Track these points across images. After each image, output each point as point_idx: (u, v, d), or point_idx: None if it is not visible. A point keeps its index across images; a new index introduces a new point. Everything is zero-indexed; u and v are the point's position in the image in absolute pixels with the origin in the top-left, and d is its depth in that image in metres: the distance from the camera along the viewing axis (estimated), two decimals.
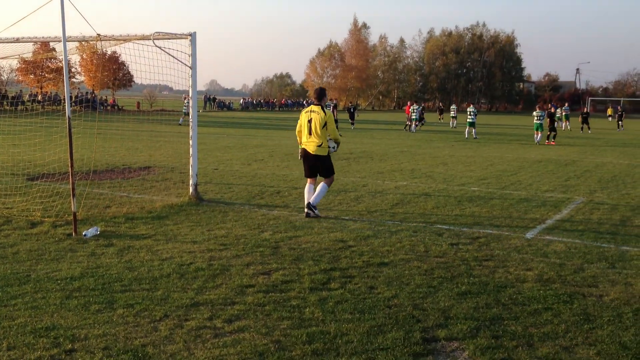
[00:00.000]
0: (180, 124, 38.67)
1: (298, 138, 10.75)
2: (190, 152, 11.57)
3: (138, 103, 71.34)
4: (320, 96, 10.59)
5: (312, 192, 10.45)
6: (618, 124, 49.36)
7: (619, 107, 54.96)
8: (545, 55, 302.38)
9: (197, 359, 4.69)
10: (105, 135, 25.55)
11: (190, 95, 11.73)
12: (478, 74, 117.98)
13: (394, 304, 6.00)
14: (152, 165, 17.12)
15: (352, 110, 43.20)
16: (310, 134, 10.34)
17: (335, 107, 35.65)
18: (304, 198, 11.99)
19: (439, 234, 9.11)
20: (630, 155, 24.11)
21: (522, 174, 17.03)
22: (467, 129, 33.86)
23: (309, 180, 10.71)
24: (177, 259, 7.45)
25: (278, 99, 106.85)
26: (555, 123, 31.31)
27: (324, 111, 10.31)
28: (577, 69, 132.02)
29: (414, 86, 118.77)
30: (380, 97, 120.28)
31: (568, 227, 9.81)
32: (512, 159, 21.65)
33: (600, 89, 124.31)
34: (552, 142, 29.68)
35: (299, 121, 10.61)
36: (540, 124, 30.14)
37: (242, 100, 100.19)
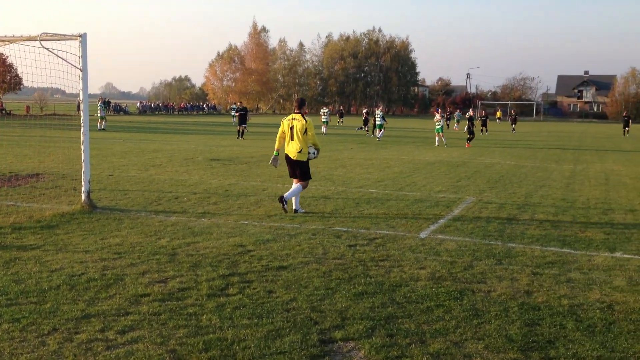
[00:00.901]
0: (104, 129, 39.32)
1: (277, 143, 11.63)
2: (82, 158, 11.15)
3: (28, 107, 67.97)
4: (301, 105, 11.45)
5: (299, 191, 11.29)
6: (512, 127, 52.09)
7: (512, 111, 57.91)
8: (438, 60, 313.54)
9: None
10: None
11: (81, 99, 11.29)
12: (375, 78, 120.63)
13: (292, 307, 6.03)
14: (42, 172, 16.36)
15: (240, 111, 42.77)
16: (292, 139, 11.19)
17: (244, 110, 35.57)
18: (202, 202, 11.88)
19: (337, 236, 9.24)
20: (516, 156, 25.40)
21: (417, 175, 17.57)
22: (377, 131, 34.96)
23: (294, 180, 11.44)
24: (67, 269, 7.16)
25: (177, 103, 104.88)
26: (474, 127, 32.31)
27: (305, 119, 11.18)
28: (468, 74, 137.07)
29: (314, 90, 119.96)
30: (281, 101, 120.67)
31: (459, 226, 10.21)
32: (407, 161, 22.29)
33: (490, 93, 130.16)
34: (467, 144, 30.69)
35: (280, 128, 11.45)
36: (442, 127, 31.26)
37: (139, 103, 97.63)
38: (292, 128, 11.18)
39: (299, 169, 11.25)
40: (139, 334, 5.26)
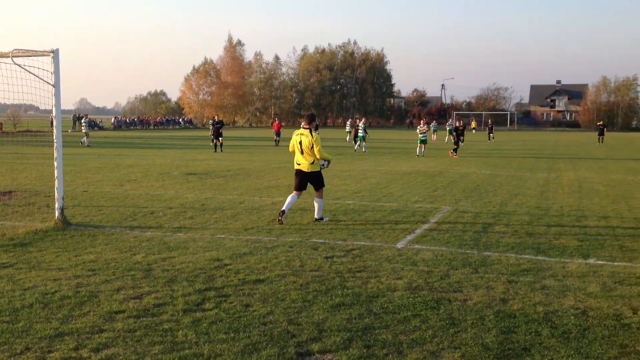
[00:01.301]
0: (87, 146, 39.20)
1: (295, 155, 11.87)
2: (56, 174, 11.03)
3: (0, 124, 67.22)
4: (310, 120, 11.74)
5: (294, 201, 11.60)
6: (489, 136, 52.96)
7: (489, 121, 58.67)
8: (413, 72, 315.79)
9: None
10: None
11: (54, 115, 11.19)
12: (351, 90, 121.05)
13: (269, 321, 6.00)
14: (15, 189, 16.15)
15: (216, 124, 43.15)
16: (302, 153, 11.52)
17: (220, 123, 36.11)
18: (179, 217, 11.81)
19: (314, 248, 9.23)
20: (492, 166, 25.64)
21: (394, 186, 17.64)
22: (358, 143, 35.43)
23: (295, 192, 11.69)
24: (40, 287, 7.06)
25: (153, 117, 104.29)
26: (461, 138, 32.32)
27: (312, 134, 11.46)
28: (442, 85, 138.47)
29: (290, 102, 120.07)
30: (258, 114, 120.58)
31: (435, 235, 10.27)
32: (384, 171, 22.37)
33: (464, 103, 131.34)
34: (455, 155, 30.83)
35: (291, 141, 11.74)
36: (425, 139, 31.20)
37: (113, 118, 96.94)
38: (300, 143, 11.49)
39: (315, 179, 11.60)
40: (113, 351, 5.20)
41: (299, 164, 11.62)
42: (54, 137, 11.05)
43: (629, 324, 6.00)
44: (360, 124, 35.94)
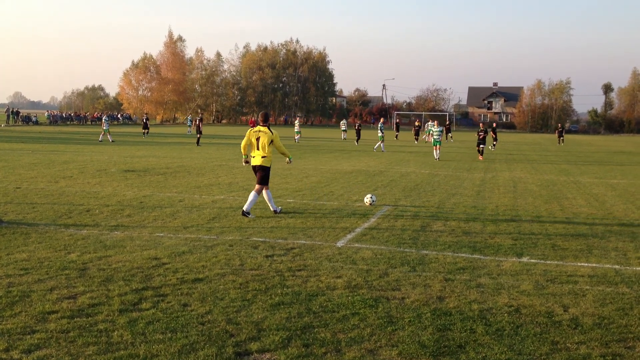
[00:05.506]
0: (101, 141, 39.51)
1: (243, 150, 12.73)
2: None
3: None
4: (266, 119, 12.44)
5: (269, 197, 12.28)
6: (447, 136, 54.33)
7: (447, 121, 59.31)
8: (354, 71, 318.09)
9: None
10: None
11: None
12: (294, 88, 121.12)
13: (207, 320, 5.95)
14: None
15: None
16: (257, 149, 12.18)
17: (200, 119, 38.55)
18: (116, 215, 11.56)
19: (254, 247, 9.20)
20: (430, 166, 26.07)
21: (335, 185, 17.74)
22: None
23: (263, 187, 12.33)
24: None
25: (90, 113, 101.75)
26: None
27: (271, 131, 12.21)
28: (384, 85, 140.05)
29: (232, 100, 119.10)
30: (199, 111, 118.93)
31: (375, 234, 10.38)
32: (325, 170, 22.46)
33: (405, 104, 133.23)
34: (480, 157, 31.14)
35: (245, 138, 12.38)
36: (439, 140, 30.97)
37: (46, 112, 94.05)
38: (258, 139, 12.17)
39: (261, 174, 12.12)
40: (45, 352, 5.05)
41: (253, 157, 12.27)
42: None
43: (560, 321, 6.20)
44: (380, 125, 39.00)
